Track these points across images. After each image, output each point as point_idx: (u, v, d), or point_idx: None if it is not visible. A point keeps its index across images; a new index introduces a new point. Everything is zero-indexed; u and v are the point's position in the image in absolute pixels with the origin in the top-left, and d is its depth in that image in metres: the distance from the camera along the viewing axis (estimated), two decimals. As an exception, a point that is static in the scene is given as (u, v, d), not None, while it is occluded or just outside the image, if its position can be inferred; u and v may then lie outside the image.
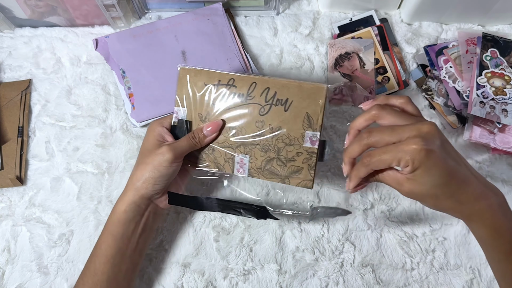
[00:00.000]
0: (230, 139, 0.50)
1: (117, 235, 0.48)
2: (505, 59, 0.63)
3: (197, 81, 0.49)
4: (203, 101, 0.50)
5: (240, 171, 0.51)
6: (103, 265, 0.47)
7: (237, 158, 0.50)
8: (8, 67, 0.67)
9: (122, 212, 0.48)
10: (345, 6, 0.69)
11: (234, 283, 0.55)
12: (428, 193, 0.40)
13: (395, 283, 0.55)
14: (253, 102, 0.48)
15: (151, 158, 0.47)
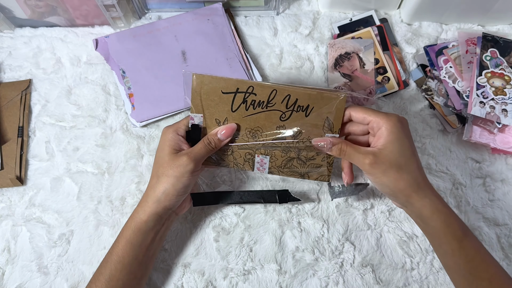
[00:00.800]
0: (250, 142, 0.51)
1: (136, 244, 0.48)
2: (505, 59, 0.63)
3: (213, 89, 0.49)
4: (221, 108, 0.50)
5: (260, 169, 0.52)
6: (119, 272, 0.47)
7: (257, 158, 0.52)
8: (8, 67, 0.67)
9: (143, 222, 0.48)
10: (345, 6, 0.69)
11: (234, 283, 0.55)
12: (394, 163, 0.45)
13: (395, 283, 0.55)
14: (274, 108, 0.50)
15: (173, 170, 0.47)
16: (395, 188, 0.46)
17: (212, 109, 0.50)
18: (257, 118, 0.50)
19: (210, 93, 0.50)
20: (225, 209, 0.58)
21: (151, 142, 0.62)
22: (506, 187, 0.59)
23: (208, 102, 0.50)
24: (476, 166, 0.61)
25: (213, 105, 0.50)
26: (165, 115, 0.63)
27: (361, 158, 0.46)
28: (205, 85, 0.49)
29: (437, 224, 0.46)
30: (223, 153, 0.52)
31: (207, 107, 0.50)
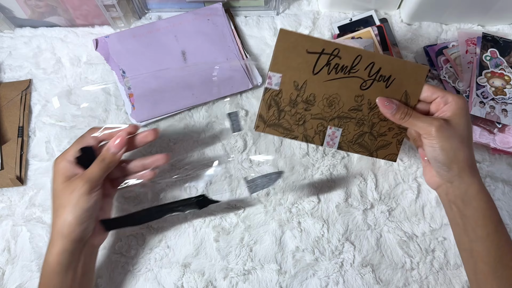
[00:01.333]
0: (327, 110, 0.49)
1: (56, 287, 0.44)
2: (505, 59, 0.63)
3: (298, 47, 0.47)
4: (302, 69, 0.47)
5: (330, 143, 0.50)
6: None
7: (329, 131, 0.50)
8: (8, 67, 0.67)
9: (56, 264, 0.44)
10: (345, 6, 0.69)
11: (234, 283, 0.55)
12: (459, 133, 0.45)
13: (394, 283, 0.55)
14: (356, 75, 0.48)
15: (67, 198, 0.44)
16: (453, 157, 0.45)
17: (292, 71, 0.47)
18: (338, 84, 0.48)
19: (294, 51, 0.47)
20: (225, 209, 0.58)
21: (151, 142, 0.62)
22: (506, 187, 0.59)
23: (289, 61, 0.47)
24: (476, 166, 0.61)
25: (295, 66, 0.47)
26: (165, 115, 0.63)
27: (429, 122, 0.45)
28: (290, 42, 0.46)
29: (480, 204, 0.45)
30: (295, 122, 0.49)
31: (287, 67, 0.47)
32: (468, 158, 0.46)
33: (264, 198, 0.59)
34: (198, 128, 0.63)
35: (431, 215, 0.58)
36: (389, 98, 0.48)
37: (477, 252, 0.46)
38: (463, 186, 0.46)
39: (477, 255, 0.46)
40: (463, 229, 0.47)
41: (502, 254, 0.44)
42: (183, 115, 0.64)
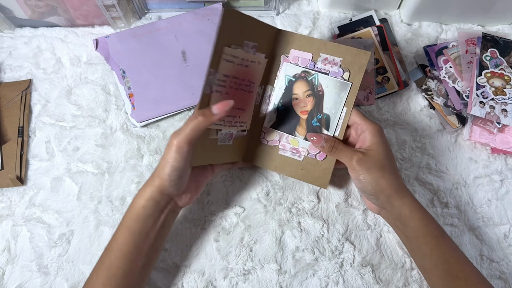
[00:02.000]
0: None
1: (135, 231, 0.47)
2: (504, 59, 0.63)
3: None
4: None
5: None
6: (119, 260, 0.46)
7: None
8: (8, 67, 0.67)
9: (140, 207, 0.47)
10: (345, 6, 0.69)
11: (234, 283, 0.55)
12: (378, 163, 0.48)
13: (394, 283, 0.55)
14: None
15: (163, 156, 0.46)
16: (377, 187, 0.48)
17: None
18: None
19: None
20: (225, 209, 0.58)
21: (151, 142, 0.62)
22: (506, 187, 0.59)
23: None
24: (476, 166, 0.61)
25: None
26: (165, 115, 0.63)
27: (350, 155, 0.49)
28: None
29: (416, 223, 0.48)
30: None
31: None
32: (391, 183, 0.48)
33: (264, 198, 0.59)
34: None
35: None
36: (318, 134, 0.53)
37: (428, 268, 0.48)
38: (395, 210, 0.49)
39: (429, 271, 0.48)
40: (411, 249, 0.50)
41: (449, 267, 0.46)
42: (183, 115, 0.64)
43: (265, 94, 0.55)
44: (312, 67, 0.54)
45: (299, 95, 0.54)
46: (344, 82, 0.53)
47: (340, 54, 0.52)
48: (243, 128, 0.55)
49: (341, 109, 0.53)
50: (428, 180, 0.60)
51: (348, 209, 0.58)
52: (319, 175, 0.54)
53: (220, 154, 0.53)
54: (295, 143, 0.55)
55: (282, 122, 0.55)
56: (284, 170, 0.56)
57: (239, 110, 0.53)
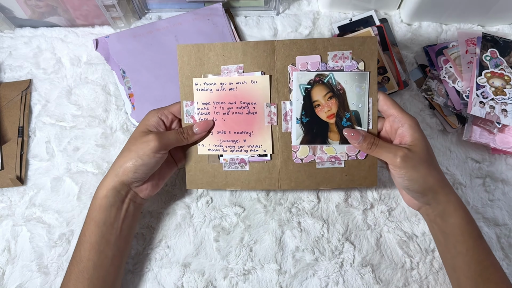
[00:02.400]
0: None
1: (100, 221, 0.47)
2: (504, 59, 0.63)
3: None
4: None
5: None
6: (88, 252, 0.47)
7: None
8: (9, 67, 0.67)
9: (102, 197, 0.48)
10: (345, 6, 0.69)
11: (234, 283, 0.55)
12: (424, 159, 0.46)
13: (394, 283, 0.55)
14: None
15: (136, 145, 0.47)
16: (425, 184, 0.46)
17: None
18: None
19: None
20: (225, 209, 0.58)
21: (151, 142, 0.62)
22: (506, 187, 0.59)
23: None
24: (476, 166, 0.61)
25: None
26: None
27: (393, 152, 0.46)
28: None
29: (458, 221, 0.46)
30: None
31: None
32: (438, 180, 0.47)
33: (264, 198, 0.59)
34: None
35: (431, 215, 0.58)
36: (356, 130, 0.50)
37: (459, 268, 0.47)
38: (440, 206, 0.47)
39: (459, 270, 0.47)
40: (445, 246, 0.48)
41: (482, 268, 0.45)
42: (183, 115, 0.64)
43: (281, 111, 0.52)
44: (324, 68, 0.51)
45: (320, 100, 0.51)
46: (361, 73, 0.50)
47: (347, 46, 0.50)
48: (260, 153, 0.52)
49: (367, 101, 0.50)
50: None
51: (348, 209, 0.58)
52: (365, 175, 0.52)
53: (231, 181, 0.53)
54: (331, 151, 0.52)
55: (312, 134, 0.51)
56: (329, 183, 0.52)
57: (240, 134, 0.52)
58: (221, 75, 0.51)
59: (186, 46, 0.51)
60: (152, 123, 0.50)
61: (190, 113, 0.52)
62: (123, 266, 0.51)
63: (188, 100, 0.52)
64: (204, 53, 0.51)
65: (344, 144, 0.51)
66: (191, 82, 0.51)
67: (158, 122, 0.50)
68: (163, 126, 0.51)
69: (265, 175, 0.52)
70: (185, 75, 0.51)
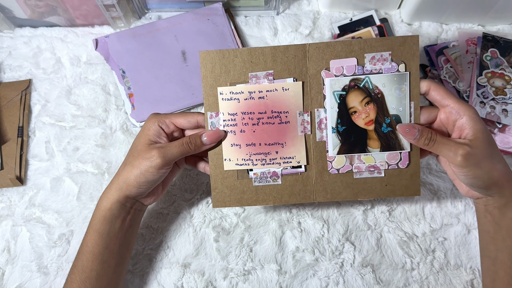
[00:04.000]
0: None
1: (103, 233, 0.47)
2: (505, 59, 0.62)
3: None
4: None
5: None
6: (91, 262, 0.46)
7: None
8: (8, 67, 0.67)
9: (107, 210, 0.47)
10: (345, 6, 0.69)
11: (234, 283, 0.55)
12: (487, 153, 0.42)
13: (395, 283, 0.55)
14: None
15: (139, 161, 0.46)
16: (489, 180, 0.43)
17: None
18: None
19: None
20: (225, 209, 0.58)
21: (151, 142, 0.62)
22: (507, 187, 0.59)
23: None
24: (476, 166, 0.61)
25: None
26: (165, 115, 0.63)
27: (454, 149, 0.42)
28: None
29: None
30: None
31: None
32: (504, 173, 0.44)
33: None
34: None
35: (432, 215, 0.58)
36: (411, 124, 0.46)
37: (501, 262, 0.45)
38: (503, 199, 0.45)
39: (501, 264, 0.45)
40: (492, 238, 0.46)
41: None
42: (183, 115, 0.64)
43: (315, 119, 0.48)
44: (361, 72, 0.47)
45: (357, 106, 0.47)
46: (400, 74, 0.46)
47: (387, 47, 0.46)
48: (294, 165, 0.49)
49: (409, 105, 0.47)
50: (429, 180, 0.60)
51: (348, 209, 0.58)
52: (406, 184, 0.48)
53: (263, 196, 0.49)
54: (370, 160, 0.48)
55: (349, 144, 0.48)
56: (368, 194, 0.49)
57: (272, 145, 0.48)
58: (249, 83, 0.47)
59: (209, 53, 0.47)
60: (152, 132, 0.47)
61: (215, 125, 0.48)
62: (125, 272, 0.51)
63: (212, 111, 0.48)
64: (229, 60, 0.47)
65: (385, 152, 0.48)
66: (215, 92, 0.47)
67: (158, 131, 0.48)
68: (164, 135, 0.48)
69: (299, 188, 0.49)
70: (209, 84, 0.47)
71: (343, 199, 0.49)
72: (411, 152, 0.48)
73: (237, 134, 0.48)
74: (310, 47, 0.47)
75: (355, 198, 0.49)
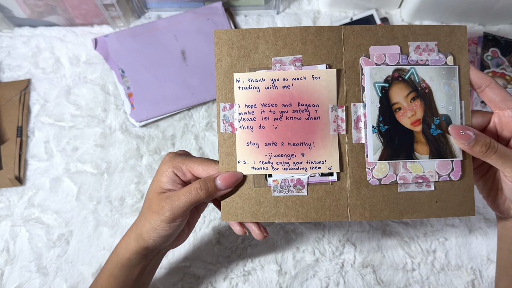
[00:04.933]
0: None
1: (120, 278, 0.43)
2: (506, 58, 0.62)
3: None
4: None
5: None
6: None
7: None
8: (7, 67, 0.67)
9: (125, 258, 0.42)
10: (346, 6, 0.69)
11: (234, 284, 0.55)
12: None
13: (396, 283, 0.55)
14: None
15: (150, 214, 0.40)
16: None
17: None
18: None
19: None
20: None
21: (150, 142, 0.62)
22: (507, 187, 0.59)
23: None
24: (477, 166, 0.60)
25: None
26: (164, 115, 0.62)
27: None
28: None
29: None
30: None
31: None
32: None
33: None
34: (198, 128, 0.63)
35: (432, 216, 0.58)
36: (465, 126, 0.38)
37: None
38: None
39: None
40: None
41: None
42: (183, 115, 0.64)
43: (351, 117, 0.40)
44: (405, 62, 0.40)
45: (402, 102, 0.40)
46: (449, 67, 0.40)
47: (432, 36, 0.40)
48: (323, 171, 0.39)
49: (459, 103, 0.40)
50: None
51: (349, 210, 0.58)
52: (460, 201, 0.40)
53: (283, 209, 0.40)
54: (418, 169, 0.40)
55: (393, 147, 0.40)
56: (415, 213, 0.40)
57: (298, 146, 0.40)
58: (272, 69, 0.40)
59: (226, 32, 0.39)
60: (166, 179, 0.40)
61: (228, 119, 0.40)
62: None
63: (226, 102, 0.40)
64: (250, 41, 0.40)
65: (435, 159, 0.40)
66: (231, 79, 0.40)
67: (172, 178, 0.40)
68: (180, 182, 0.41)
69: (330, 202, 0.40)
70: (224, 70, 0.40)
71: (384, 218, 0.40)
72: (464, 161, 0.40)
73: (255, 131, 0.40)
74: (346, 30, 0.40)
75: (400, 218, 0.40)
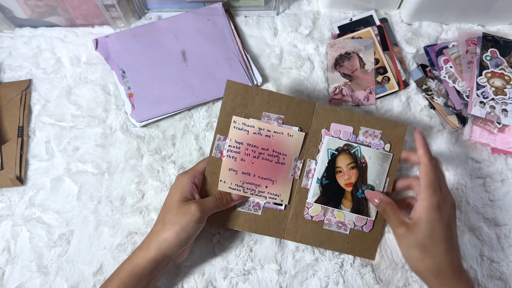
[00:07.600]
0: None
1: (129, 286, 0.46)
2: (505, 59, 0.63)
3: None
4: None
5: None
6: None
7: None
8: (8, 67, 0.67)
9: (140, 267, 0.46)
10: (345, 6, 0.69)
11: (234, 283, 0.55)
12: (420, 243, 0.45)
13: (395, 283, 0.55)
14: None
15: (179, 217, 0.47)
16: (414, 267, 0.47)
17: None
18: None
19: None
20: (225, 209, 0.58)
21: (151, 142, 0.62)
22: (506, 187, 0.59)
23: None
24: (476, 166, 0.61)
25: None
26: (165, 115, 0.63)
27: (395, 225, 0.48)
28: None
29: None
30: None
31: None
32: (432, 268, 0.45)
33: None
34: (198, 128, 0.63)
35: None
36: (375, 192, 0.53)
37: None
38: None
39: None
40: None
41: None
42: (183, 115, 0.64)
43: (305, 168, 0.54)
44: (354, 140, 0.54)
45: (343, 168, 0.54)
46: (386, 154, 0.54)
47: (379, 126, 0.54)
48: (277, 202, 0.54)
49: (385, 180, 0.54)
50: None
51: (348, 209, 0.58)
52: (366, 247, 0.54)
53: (242, 221, 0.54)
54: (341, 216, 0.54)
55: (327, 196, 0.54)
56: (330, 245, 0.55)
57: (264, 180, 0.53)
58: (261, 120, 0.53)
59: (235, 84, 0.52)
60: (187, 189, 0.49)
61: (220, 147, 0.53)
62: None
63: (222, 135, 0.53)
64: (251, 95, 0.52)
65: (354, 214, 0.54)
66: (230, 119, 0.52)
67: (192, 187, 0.50)
68: (197, 190, 0.51)
69: (274, 223, 0.54)
70: (227, 111, 0.52)
71: (309, 244, 0.55)
72: (375, 220, 0.54)
73: (237, 161, 0.53)
74: (319, 107, 0.54)
75: (319, 246, 0.55)
